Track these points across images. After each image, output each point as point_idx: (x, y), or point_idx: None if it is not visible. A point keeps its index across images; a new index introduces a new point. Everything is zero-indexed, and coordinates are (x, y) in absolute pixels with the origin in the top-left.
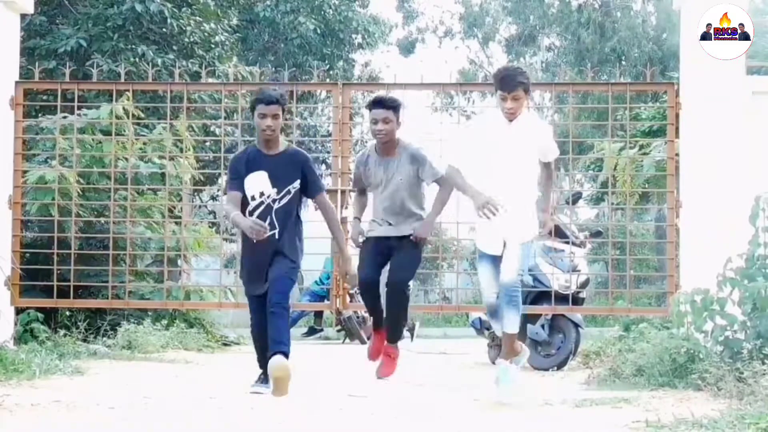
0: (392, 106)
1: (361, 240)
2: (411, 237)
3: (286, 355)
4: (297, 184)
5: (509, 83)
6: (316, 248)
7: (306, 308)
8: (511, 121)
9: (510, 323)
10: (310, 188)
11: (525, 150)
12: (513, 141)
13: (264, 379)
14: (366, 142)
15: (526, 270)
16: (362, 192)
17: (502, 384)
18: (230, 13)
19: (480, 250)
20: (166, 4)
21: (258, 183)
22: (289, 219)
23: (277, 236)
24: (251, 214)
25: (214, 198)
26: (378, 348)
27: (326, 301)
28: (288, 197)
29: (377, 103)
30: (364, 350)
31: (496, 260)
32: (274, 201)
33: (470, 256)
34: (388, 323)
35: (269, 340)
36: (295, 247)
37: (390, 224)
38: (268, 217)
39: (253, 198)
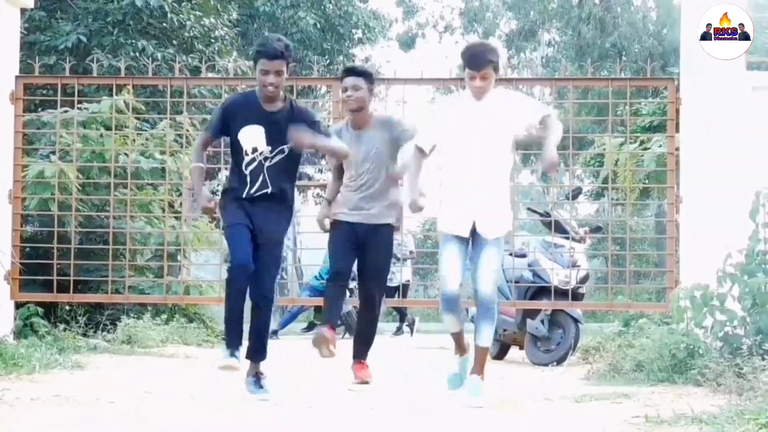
0: (363, 73)
1: (327, 223)
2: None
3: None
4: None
5: (478, 61)
6: (315, 243)
7: (305, 303)
8: (479, 99)
9: (484, 337)
10: (314, 130)
11: (496, 130)
12: (482, 120)
13: (257, 382)
14: None
15: (499, 279)
16: (339, 174)
17: (470, 396)
18: (230, 7)
19: (444, 232)
20: None
21: (253, 137)
22: (283, 179)
23: (269, 194)
24: (246, 168)
25: (213, 193)
26: (325, 339)
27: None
28: (281, 156)
29: (348, 71)
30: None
31: (463, 244)
32: (266, 159)
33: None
34: (359, 340)
35: (252, 338)
36: (284, 217)
37: (364, 209)
38: (261, 175)
39: (246, 153)
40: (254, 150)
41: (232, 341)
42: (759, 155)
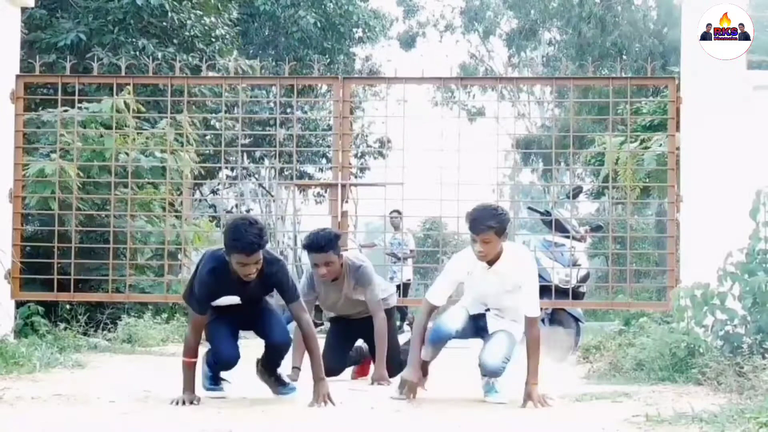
0: (327, 245)
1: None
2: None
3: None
4: (267, 297)
5: (477, 226)
6: None
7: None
8: (489, 264)
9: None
10: (284, 297)
11: (506, 295)
12: (494, 288)
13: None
14: (367, 136)
15: (511, 359)
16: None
17: (490, 396)
18: (230, 6)
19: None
20: None
21: (227, 300)
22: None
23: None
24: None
25: (214, 192)
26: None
27: None
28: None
29: (310, 248)
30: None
31: (471, 316)
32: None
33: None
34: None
35: (271, 363)
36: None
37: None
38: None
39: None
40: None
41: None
42: (759, 154)
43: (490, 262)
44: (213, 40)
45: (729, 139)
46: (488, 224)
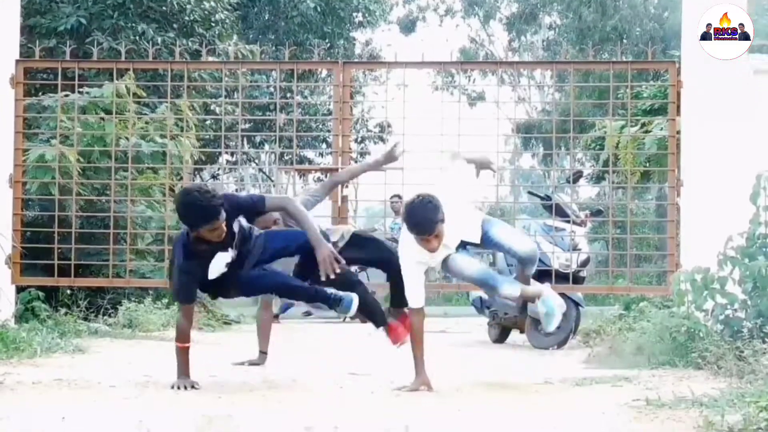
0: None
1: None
2: None
3: None
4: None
5: (428, 227)
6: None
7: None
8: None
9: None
10: (252, 211)
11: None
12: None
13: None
14: (367, 120)
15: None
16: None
17: (550, 317)
18: None
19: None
20: None
21: (217, 266)
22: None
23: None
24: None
25: (214, 177)
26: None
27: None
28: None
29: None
30: (365, 329)
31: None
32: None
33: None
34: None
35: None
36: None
37: None
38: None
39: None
40: (227, 264)
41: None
42: (760, 138)
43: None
44: (213, 24)
45: (729, 123)
46: (436, 220)
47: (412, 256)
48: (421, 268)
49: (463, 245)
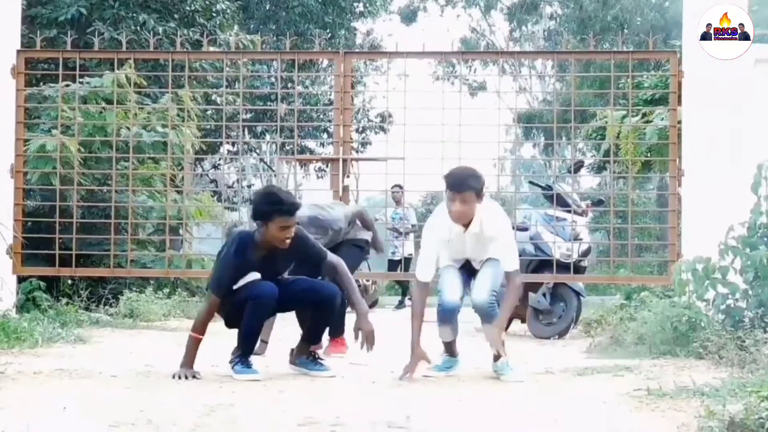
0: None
1: None
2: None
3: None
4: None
5: (459, 185)
6: None
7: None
8: (464, 227)
9: (489, 334)
10: (313, 258)
11: (487, 249)
12: (471, 247)
13: (246, 362)
14: (368, 110)
15: (498, 286)
16: None
17: (505, 375)
18: None
19: (443, 265)
20: None
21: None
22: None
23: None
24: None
25: (215, 167)
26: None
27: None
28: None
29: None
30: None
31: (460, 268)
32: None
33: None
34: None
35: (314, 328)
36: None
37: None
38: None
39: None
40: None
41: (248, 349)
42: (761, 128)
43: (466, 225)
44: (214, 14)
45: (730, 112)
46: (470, 184)
47: (434, 226)
48: (438, 242)
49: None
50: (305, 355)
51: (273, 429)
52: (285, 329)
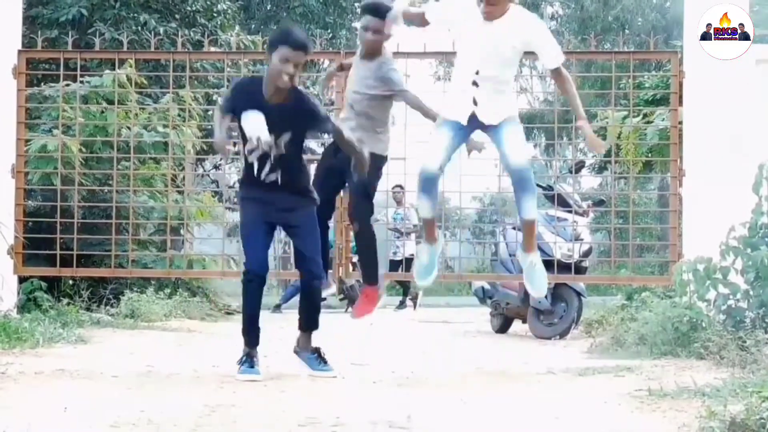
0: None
1: None
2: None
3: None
4: (298, 132)
5: None
6: None
7: None
8: (488, 18)
9: (529, 209)
10: (319, 126)
11: (507, 55)
12: (493, 46)
13: (250, 361)
14: None
15: (524, 142)
16: None
17: (535, 281)
18: None
19: (440, 118)
20: None
21: (255, 125)
22: (291, 165)
23: (279, 182)
24: (250, 153)
25: (216, 167)
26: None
27: (329, 270)
28: (288, 142)
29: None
30: (367, 318)
31: (457, 131)
32: (271, 148)
33: (472, 225)
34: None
35: (304, 313)
36: (305, 203)
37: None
38: (267, 162)
39: (250, 140)
40: (258, 139)
41: (251, 341)
42: (762, 128)
43: (490, 16)
44: (215, 15)
45: (731, 112)
46: None
47: (448, 107)
48: (450, 129)
49: (477, 125)
50: (309, 351)
51: (273, 429)
52: (283, 330)
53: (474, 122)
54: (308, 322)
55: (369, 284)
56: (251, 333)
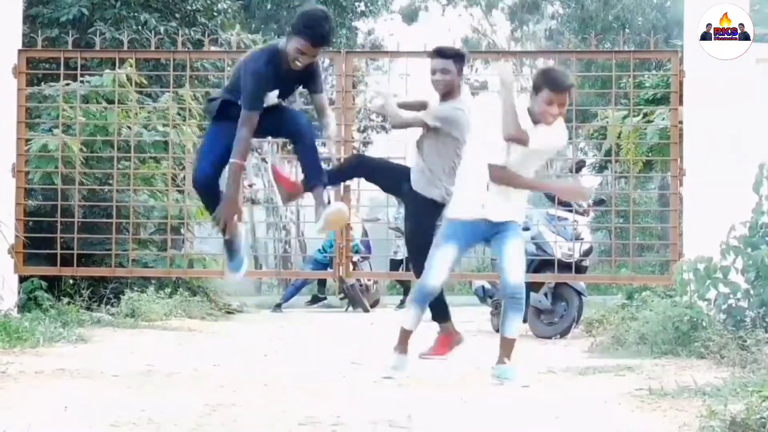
0: (452, 55)
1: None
2: None
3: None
4: (301, 85)
5: (563, 82)
6: None
7: (309, 276)
8: (534, 123)
9: (513, 328)
10: (315, 86)
11: (540, 158)
12: (526, 154)
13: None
14: (370, 110)
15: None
16: None
17: (509, 380)
18: None
19: (448, 218)
20: None
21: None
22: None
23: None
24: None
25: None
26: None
27: (329, 270)
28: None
29: (436, 53)
30: (367, 318)
31: (462, 246)
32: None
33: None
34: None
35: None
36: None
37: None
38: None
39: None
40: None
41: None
42: (762, 127)
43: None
44: (215, 14)
45: (732, 112)
46: (570, 83)
47: (457, 206)
48: (456, 241)
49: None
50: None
51: (274, 429)
52: (283, 330)
53: (478, 232)
54: (312, 174)
55: (441, 331)
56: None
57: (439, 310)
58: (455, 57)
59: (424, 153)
